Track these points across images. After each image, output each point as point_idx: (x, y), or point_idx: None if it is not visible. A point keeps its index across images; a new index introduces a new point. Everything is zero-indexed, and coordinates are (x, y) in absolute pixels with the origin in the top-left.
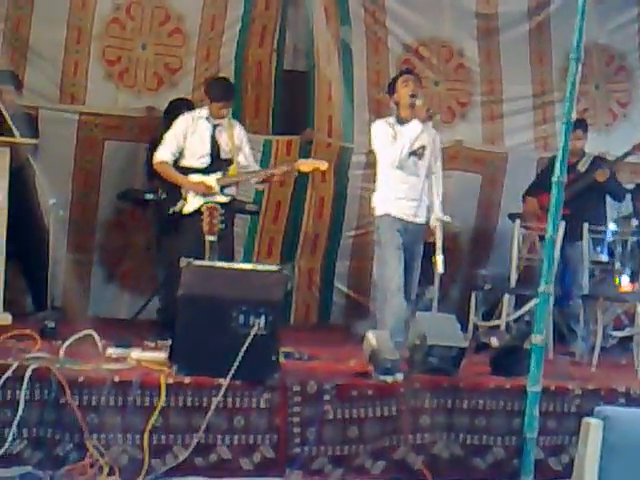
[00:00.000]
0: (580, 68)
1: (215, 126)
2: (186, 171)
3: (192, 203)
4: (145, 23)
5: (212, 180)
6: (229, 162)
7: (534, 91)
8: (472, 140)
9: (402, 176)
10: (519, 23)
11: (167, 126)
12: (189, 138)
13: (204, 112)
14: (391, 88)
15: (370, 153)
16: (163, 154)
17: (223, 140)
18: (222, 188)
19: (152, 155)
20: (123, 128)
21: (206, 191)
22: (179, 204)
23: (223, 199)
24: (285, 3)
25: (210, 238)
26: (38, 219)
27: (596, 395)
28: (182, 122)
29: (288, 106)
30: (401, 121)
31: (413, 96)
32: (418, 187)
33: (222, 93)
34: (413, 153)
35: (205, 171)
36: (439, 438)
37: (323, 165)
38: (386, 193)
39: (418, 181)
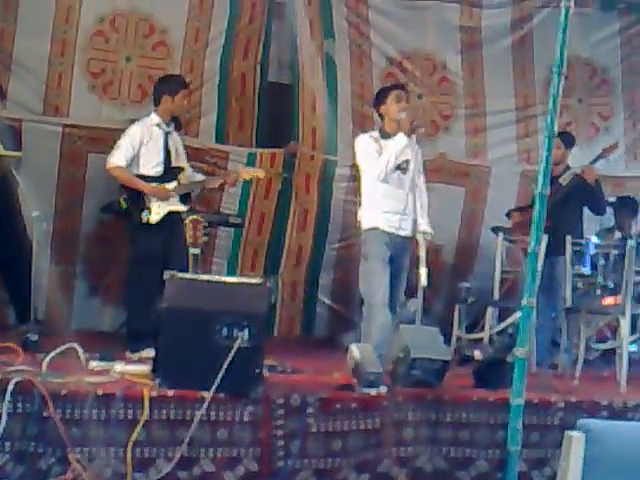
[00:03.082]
0: (562, 82)
1: (167, 134)
2: (142, 179)
3: (157, 212)
4: (129, 35)
5: (170, 188)
6: (179, 170)
7: (517, 104)
8: (455, 153)
9: (388, 190)
10: (502, 37)
11: None
12: (144, 146)
13: (155, 119)
14: (379, 100)
15: (354, 166)
16: (118, 159)
17: (173, 148)
18: (181, 197)
19: None
20: (107, 140)
21: (166, 196)
22: (144, 215)
23: (184, 208)
24: (269, 16)
25: (194, 251)
26: (21, 231)
27: (579, 408)
28: (138, 129)
29: (272, 119)
30: (385, 135)
31: (402, 112)
32: (403, 200)
33: (181, 81)
34: (398, 167)
35: (160, 180)
36: (423, 451)
37: (261, 173)
38: (372, 207)
39: (403, 194)
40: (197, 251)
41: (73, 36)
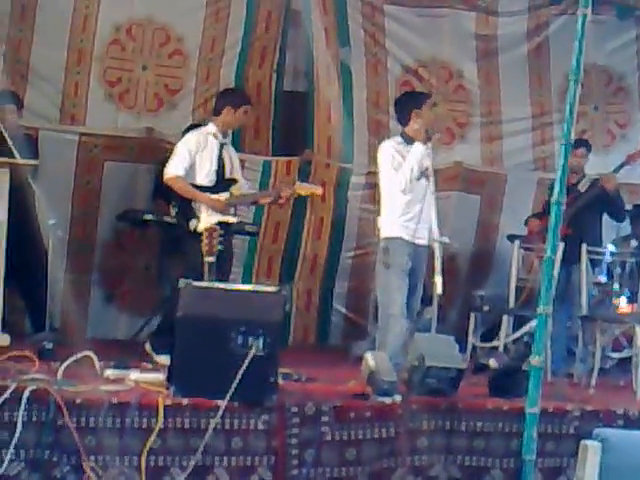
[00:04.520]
0: (579, 89)
1: (222, 145)
2: (196, 189)
3: (207, 222)
4: (145, 44)
5: (222, 199)
6: (232, 182)
7: (533, 112)
8: (471, 161)
9: (411, 198)
10: (518, 44)
11: None
12: (199, 155)
13: (212, 128)
14: (415, 105)
15: (370, 174)
16: (178, 169)
17: (227, 159)
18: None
19: (160, 175)
20: (123, 149)
21: (223, 209)
22: (192, 223)
23: (234, 219)
24: (285, 24)
25: (209, 259)
26: (37, 239)
27: (595, 417)
28: (195, 137)
29: (288, 127)
30: (409, 140)
31: (416, 122)
32: (420, 209)
33: (246, 96)
34: (421, 175)
35: (212, 190)
36: (437, 460)
37: (319, 190)
38: (394, 216)
39: (423, 202)
40: (212, 259)
41: (90, 45)
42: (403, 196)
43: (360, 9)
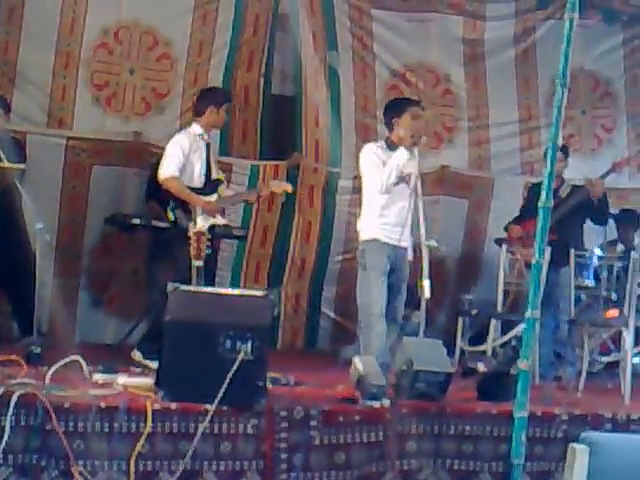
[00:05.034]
0: (566, 94)
1: (208, 145)
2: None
3: (202, 225)
4: (133, 48)
5: (213, 201)
6: (218, 182)
7: (520, 116)
8: (459, 165)
9: (390, 201)
10: (505, 49)
11: None
12: (190, 156)
13: (197, 129)
14: (394, 113)
15: (357, 178)
16: (173, 170)
17: (212, 160)
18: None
19: (153, 177)
20: (111, 153)
21: (216, 211)
22: (190, 226)
23: (224, 221)
24: (273, 28)
25: (197, 263)
26: (25, 244)
27: (583, 421)
28: (185, 138)
29: (275, 131)
30: (392, 146)
31: (403, 129)
32: (404, 212)
33: (226, 94)
34: (402, 179)
35: (202, 191)
36: (426, 464)
37: (289, 187)
38: (373, 218)
39: (405, 206)
40: (200, 263)
41: (77, 48)
42: (381, 198)
43: (348, 13)
